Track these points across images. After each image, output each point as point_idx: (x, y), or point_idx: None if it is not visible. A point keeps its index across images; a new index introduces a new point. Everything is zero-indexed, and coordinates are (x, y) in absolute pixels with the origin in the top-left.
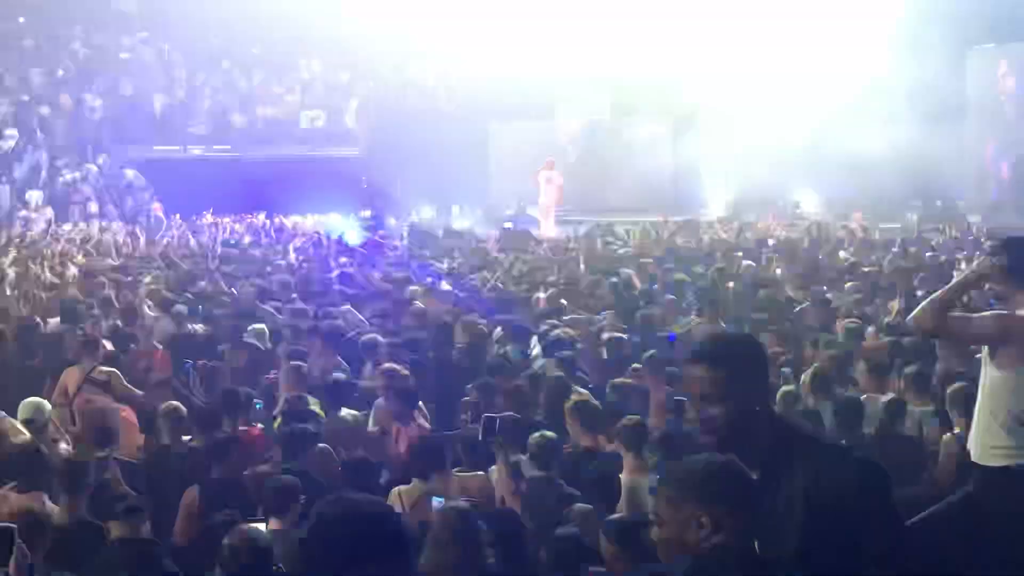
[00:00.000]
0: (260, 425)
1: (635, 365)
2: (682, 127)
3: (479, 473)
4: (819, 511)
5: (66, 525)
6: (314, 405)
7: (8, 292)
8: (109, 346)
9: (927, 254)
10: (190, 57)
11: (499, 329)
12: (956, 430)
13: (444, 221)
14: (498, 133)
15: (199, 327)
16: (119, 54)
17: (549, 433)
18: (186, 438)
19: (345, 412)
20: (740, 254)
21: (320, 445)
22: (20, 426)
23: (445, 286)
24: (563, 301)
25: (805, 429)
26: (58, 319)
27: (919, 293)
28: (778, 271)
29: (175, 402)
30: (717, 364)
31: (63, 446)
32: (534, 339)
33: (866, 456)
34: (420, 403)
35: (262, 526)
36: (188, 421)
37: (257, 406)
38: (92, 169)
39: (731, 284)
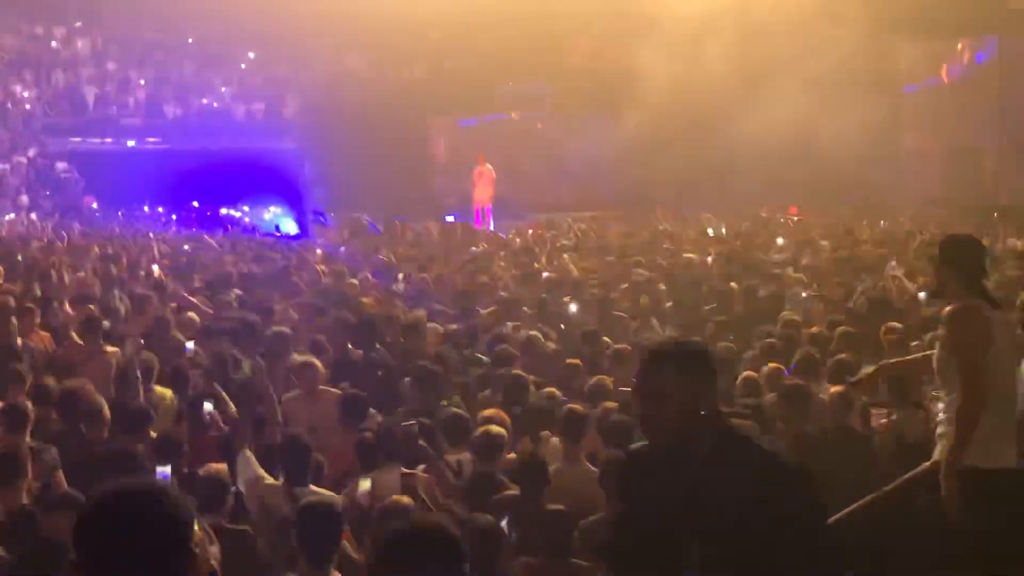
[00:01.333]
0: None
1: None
2: (623, 116)
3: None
4: (748, 517)
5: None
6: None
7: None
8: None
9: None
10: (124, 48)
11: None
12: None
13: (385, 214)
14: (437, 126)
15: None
16: (51, 44)
17: (495, 428)
18: None
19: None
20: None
21: None
22: None
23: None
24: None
25: (747, 434)
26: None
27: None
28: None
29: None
30: (668, 365)
31: None
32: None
33: (800, 463)
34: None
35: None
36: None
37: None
38: (22, 161)
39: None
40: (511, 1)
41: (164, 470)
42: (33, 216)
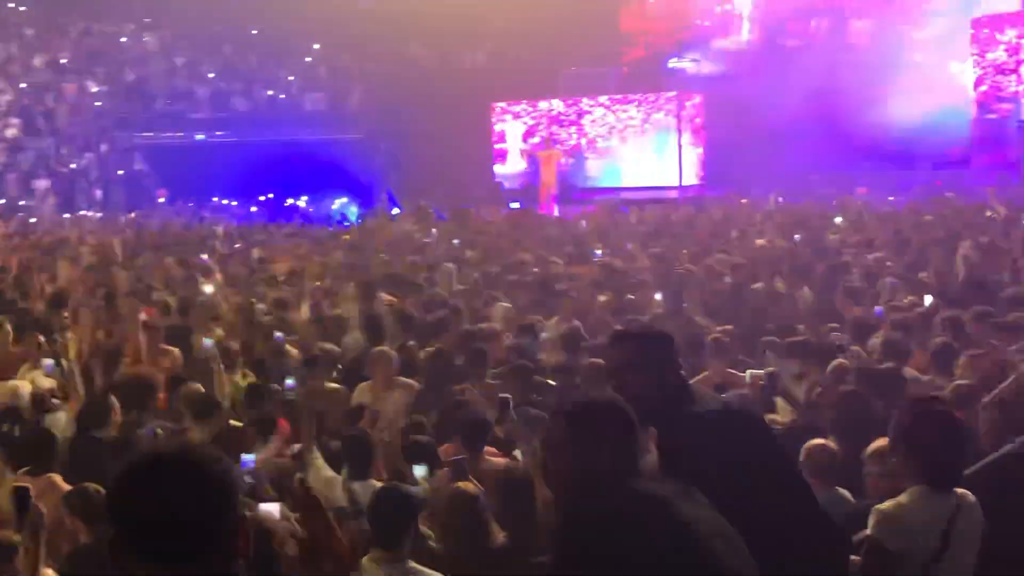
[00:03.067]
0: None
1: None
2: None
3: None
4: (725, 480)
5: None
6: None
7: None
8: None
9: None
10: (191, 42)
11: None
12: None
13: (451, 202)
14: (501, 113)
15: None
16: (120, 40)
17: None
18: None
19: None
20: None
21: None
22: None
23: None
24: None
25: (724, 403)
26: None
27: None
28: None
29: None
30: (630, 340)
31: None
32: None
33: (766, 425)
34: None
35: (274, 507)
36: None
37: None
38: (96, 156)
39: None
40: None
41: (247, 458)
42: (89, 214)
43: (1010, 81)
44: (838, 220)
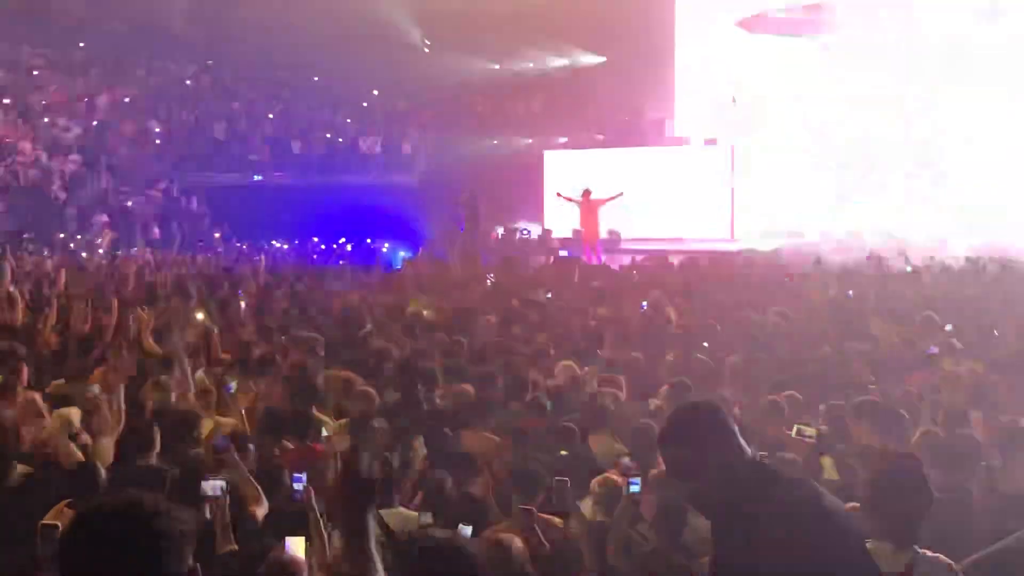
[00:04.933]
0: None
1: None
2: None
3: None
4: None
5: None
6: None
7: None
8: None
9: None
10: (251, 86)
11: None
12: None
13: (501, 249)
14: (553, 162)
15: None
16: (183, 81)
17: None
18: None
19: None
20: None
21: None
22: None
23: None
24: None
25: (789, 482)
26: None
27: None
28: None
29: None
30: (682, 442)
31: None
32: None
33: (824, 503)
34: None
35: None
36: None
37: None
38: (155, 194)
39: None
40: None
41: (300, 475)
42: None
43: None
44: (908, 269)
